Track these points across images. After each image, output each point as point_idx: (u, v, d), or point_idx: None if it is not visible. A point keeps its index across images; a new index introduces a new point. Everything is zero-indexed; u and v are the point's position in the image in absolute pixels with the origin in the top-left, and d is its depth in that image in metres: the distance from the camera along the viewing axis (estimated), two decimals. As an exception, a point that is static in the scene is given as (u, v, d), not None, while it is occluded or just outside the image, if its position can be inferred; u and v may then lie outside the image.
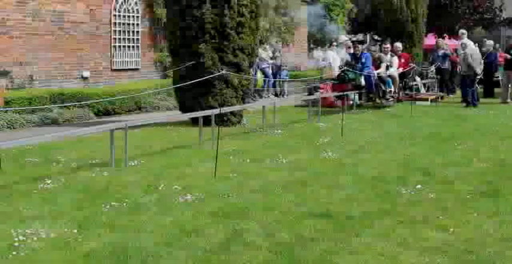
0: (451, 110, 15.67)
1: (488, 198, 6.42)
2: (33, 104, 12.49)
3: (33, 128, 12.00)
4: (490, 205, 6.12)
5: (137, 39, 17.12)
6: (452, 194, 6.60)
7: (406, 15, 20.70)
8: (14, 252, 4.66)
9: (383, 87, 16.12)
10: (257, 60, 15.91)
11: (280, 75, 19.79)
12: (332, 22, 25.70)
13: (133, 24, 16.96)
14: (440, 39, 21.28)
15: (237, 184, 6.99)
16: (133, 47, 17.03)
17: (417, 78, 18.69)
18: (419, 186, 6.85)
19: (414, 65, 18.20)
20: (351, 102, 15.39)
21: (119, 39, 16.50)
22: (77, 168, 7.81)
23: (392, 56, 16.96)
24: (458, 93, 18.97)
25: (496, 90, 19.59)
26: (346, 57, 16.78)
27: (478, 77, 17.06)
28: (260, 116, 11.84)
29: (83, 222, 5.42)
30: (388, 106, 15.99)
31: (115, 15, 16.30)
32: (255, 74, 17.48)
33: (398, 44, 18.03)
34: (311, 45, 26.53)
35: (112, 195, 6.37)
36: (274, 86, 19.72)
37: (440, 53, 19.64)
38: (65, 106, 12.76)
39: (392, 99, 16.44)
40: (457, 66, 18.69)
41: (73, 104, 12.61)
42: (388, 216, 5.71)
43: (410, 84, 17.89)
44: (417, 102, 16.37)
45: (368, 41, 27.86)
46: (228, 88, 12.07)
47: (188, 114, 11.13)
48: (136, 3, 16.99)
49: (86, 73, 15.57)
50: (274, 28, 22.06)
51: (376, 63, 16.33)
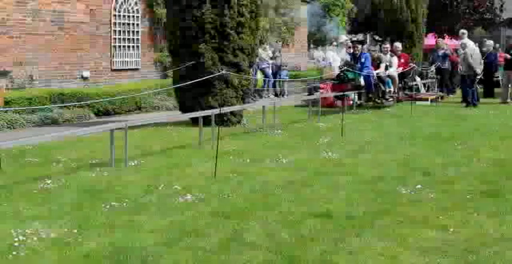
0: (451, 110, 15.67)
1: (488, 198, 6.41)
2: (33, 104, 12.49)
3: (33, 128, 12.00)
4: (490, 205, 6.12)
5: (137, 39, 17.12)
6: (452, 194, 6.60)
7: (406, 15, 20.71)
8: (14, 252, 4.66)
9: (382, 87, 16.11)
10: (257, 60, 15.90)
11: (280, 75, 19.79)
12: (331, 21, 25.71)
13: (133, 24, 16.96)
14: (440, 39, 21.27)
15: (237, 184, 6.98)
16: (133, 47, 17.03)
17: (417, 78, 18.68)
18: (419, 186, 6.85)
19: (414, 65, 18.20)
20: (351, 102, 15.39)
21: (119, 39, 16.51)
22: (77, 168, 7.81)
23: (391, 56, 16.94)
24: (458, 93, 18.98)
25: (496, 90, 19.59)
26: (346, 57, 16.78)
27: (478, 77, 17.06)
28: (260, 116, 11.84)
29: (83, 222, 5.42)
30: (388, 106, 15.99)
31: (115, 15, 16.30)
32: (255, 74, 17.48)
33: (397, 44, 18.01)
34: (311, 45, 26.53)
35: (112, 195, 6.36)
36: (274, 86, 19.72)
37: (440, 53, 19.64)
38: (65, 106, 12.76)
39: (392, 100, 16.43)
40: (457, 66, 18.68)
41: (73, 104, 12.61)
42: (388, 216, 5.71)
43: (410, 84, 17.89)
44: (417, 102, 16.37)
45: (368, 41, 27.86)
46: (228, 88, 12.07)
47: (188, 114, 11.13)
48: (136, 3, 16.98)
49: (86, 73, 15.57)
50: (274, 28, 22.07)
51: (376, 63, 16.31)
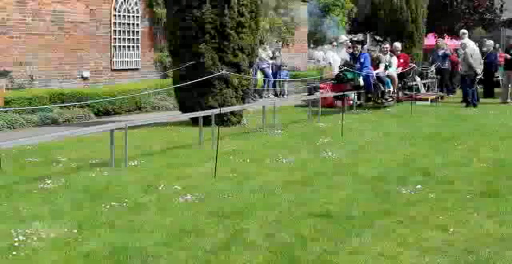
0: (451, 110, 15.67)
1: (488, 198, 6.41)
2: (33, 104, 12.49)
3: (33, 128, 12.00)
4: (490, 205, 6.12)
5: (137, 39, 17.11)
6: (452, 194, 6.60)
7: (406, 15, 20.73)
8: (14, 252, 4.66)
9: (382, 88, 16.09)
10: (257, 60, 15.90)
11: (280, 75, 19.79)
12: (330, 20, 25.71)
13: (133, 24, 16.96)
14: (440, 39, 21.28)
15: (237, 184, 6.98)
16: (133, 47, 17.03)
17: (417, 78, 18.68)
18: (419, 186, 6.85)
19: (414, 65, 18.20)
20: (351, 102, 15.38)
21: (119, 39, 16.50)
22: (77, 168, 7.81)
23: (391, 56, 16.93)
24: (458, 93, 18.98)
25: (496, 90, 19.59)
26: (346, 57, 16.77)
27: (478, 77, 17.06)
28: (260, 116, 11.84)
29: (83, 222, 5.42)
30: (388, 106, 15.98)
31: (115, 15, 16.30)
32: (255, 74, 17.48)
33: (397, 44, 18.02)
34: (311, 45, 26.53)
35: (112, 195, 6.36)
36: (274, 86, 19.72)
37: (440, 53, 19.64)
38: (65, 106, 12.76)
39: (391, 100, 16.41)
40: (457, 66, 18.69)
41: (73, 104, 12.61)
42: (388, 216, 5.71)
43: (410, 84, 17.88)
44: (417, 102, 16.38)
45: (368, 41, 27.86)
46: (228, 88, 12.07)
47: (188, 114, 11.13)
48: (136, 3, 16.98)
49: (86, 73, 15.57)
50: (274, 28, 22.07)
51: (375, 63, 16.29)
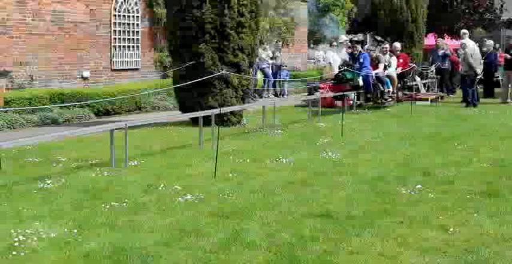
0: (451, 110, 15.67)
1: (488, 198, 6.41)
2: (33, 104, 12.49)
3: (33, 128, 12.00)
4: (490, 205, 6.12)
5: (137, 39, 17.11)
6: (452, 194, 6.60)
7: (406, 15, 20.73)
8: (14, 252, 4.66)
9: (381, 88, 16.08)
10: (257, 60, 15.90)
11: (280, 75, 19.79)
12: (330, 20, 25.71)
13: (133, 24, 16.96)
14: (440, 39, 21.29)
15: (237, 184, 6.98)
16: (133, 47, 17.03)
17: (417, 78, 18.68)
18: (419, 186, 6.85)
19: (414, 65, 18.19)
20: (351, 102, 15.38)
21: (119, 39, 16.50)
22: (77, 168, 7.81)
23: (391, 56, 16.92)
24: (458, 93, 18.98)
25: (496, 90, 19.59)
26: (346, 57, 16.76)
27: (478, 77, 17.06)
28: (260, 116, 11.84)
29: (83, 222, 5.42)
30: (388, 106, 15.98)
31: (115, 15, 16.30)
32: (255, 74, 17.48)
33: (397, 44, 18.01)
34: (311, 45, 26.53)
35: (112, 195, 6.36)
36: (274, 86, 19.72)
37: (440, 53, 19.64)
38: (65, 106, 12.76)
39: (391, 100, 16.41)
40: (458, 66, 18.68)
41: (73, 104, 12.61)
42: (388, 216, 5.70)
43: (410, 84, 17.88)
44: (417, 102, 16.38)
45: (368, 41, 27.86)
46: (228, 88, 12.07)
47: (188, 114, 11.13)
48: (136, 3, 16.98)
49: (86, 73, 15.57)
50: (274, 28, 22.07)
51: (374, 63, 16.28)
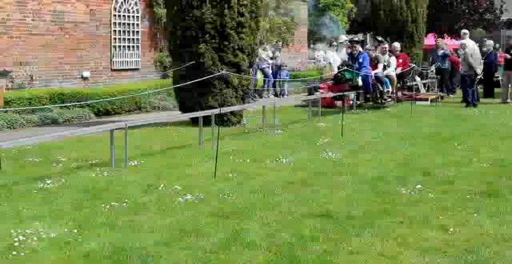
0: (451, 110, 15.66)
1: (488, 198, 6.41)
2: (33, 104, 12.49)
3: (33, 128, 12.00)
4: (490, 205, 6.12)
5: (137, 39, 17.11)
6: (452, 194, 6.60)
7: (406, 15, 20.73)
8: (14, 252, 4.66)
9: (380, 88, 16.08)
10: (257, 60, 15.90)
11: (280, 75, 19.79)
12: (330, 20, 25.70)
13: (133, 24, 16.96)
14: (440, 39, 21.28)
15: (237, 184, 6.98)
16: (133, 47, 17.03)
17: (417, 78, 18.68)
18: (419, 186, 6.85)
19: (414, 65, 18.19)
20: (351, 102, 15.38)
21: (119, 39, 16.50)
22: (77, 168, 7.81)
23: (390, 56, 16.92)
24: (458, 93, 18.97)
25: (496, 90, 19.59)
26: (346, 57, 16.76)
27: (478, 77, 17.06)
28: (260, 116, 11.84)
29: (83, 222, 5.42)
30: (388, 106, 15.98)
31: (115, 15, 16.30)
32: (255, 74, 17.48)
33: (396, 44, 18.01)
34: (311, 45, 26.53)
35: (112, 195, 6.36)
36: (274, 86, 19.72)
37: (440, 53, 19.64)
38: (65, 106, 12.76)
39: (390, 100, 16.41)
40: (458, 66, 18.67)
41: (73, 104, 12.61)
42: (388, 216, 5.70)
43: (410, 84, 17.88)
44: (417, 102, 16.38)
45: (368, 41, 27.87)
46: (228, 88, 12.07)
47: (188, 114, 11.13)
48: (136, 3, 16.98)
49: (86, 73, 15.57)
50: (274, 28, 22.07)
51: (373, 63, 16.27)
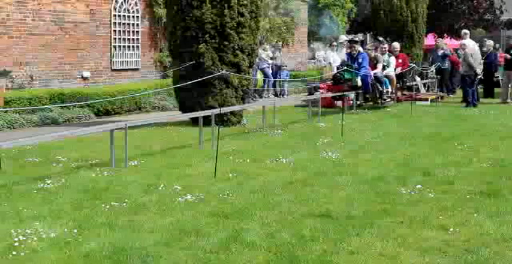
0: (451, 110, 15.66)
1: (488, 198, 6.41)
2: (33, 104, 12.49)
3: (33, 128, 12.00)
4: (490, 205, 6.12)
5: (137, 39, 17.12)
6: (452, 194, 6.59)
7: (406, 15, 20.73)
8: (14, 252, 4.66)
9: (379, 88, 16.06)
10: (257, 60, 15.90)
11: (280, 75, 19.79)
12: (330, 20, 25.71)
13: (133, 24, 16.96)
14: (440, 39, 21.28)
15: (237, 184, 6.98)
16: (133, 47, 17.03)
17: (417, 78, 18.68)
18: (419, 186, 6.85)
19: (414, 65, 18.19)
20: (351, 102, 15.37)
21: (119, 39, 16.51)
22: (77, 168, 7.81)
23: (389, 56, 16.91)
24: (458, 93, 18.97)
25: (496, 90, 19.59)
26: (345, 58, 16.76)
27: (478, 77, 17.06)
28: (260, 116, 11.85)
29: (83, 222, 5.42)
30: (388, 106, 15.98)
31: (115, 15, 16.30)
32: (255, 74, 17.48)
33: (396, 44, 18.00)
34: (311, 45, 26.54)
35: (112, 195, 6.36)
36: (274, 86, 19.72)
37: (440, 53, 19.64)
38: (65, 106, 12.76)
39: (389, 100, 16.40)
40: (458, 66, 18.67)
41: (73, 104, 12.61)
42: (388, 216, 5.70)
43: (410, 84, 17.87)
44: (417, 102, 16.38)
45: (368, 41, 27.86)
46: (228, 88, 12.07)
47: (188, 114, 11.13)
48: (136, 3, 16.98)
49: (86, 73, 15.58)
50: (274, 28, 22.08)
51: (373, 63, 16.24)
